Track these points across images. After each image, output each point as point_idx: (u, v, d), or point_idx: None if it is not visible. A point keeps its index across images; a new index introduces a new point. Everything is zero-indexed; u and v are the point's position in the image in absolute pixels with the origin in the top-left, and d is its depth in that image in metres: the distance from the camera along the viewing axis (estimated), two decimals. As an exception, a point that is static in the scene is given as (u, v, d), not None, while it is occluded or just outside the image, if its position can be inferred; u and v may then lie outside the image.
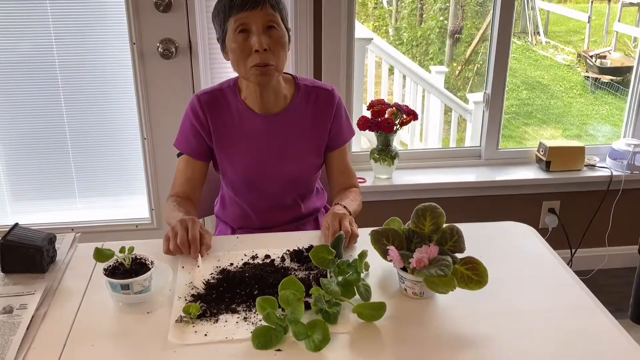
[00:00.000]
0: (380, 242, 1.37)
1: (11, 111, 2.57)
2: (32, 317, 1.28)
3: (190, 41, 2.49)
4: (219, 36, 1.65)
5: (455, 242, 1.35)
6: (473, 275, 1.29)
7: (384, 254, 1.36)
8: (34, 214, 2.72)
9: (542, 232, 2.97)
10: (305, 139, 1.76)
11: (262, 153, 1.74)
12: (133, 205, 2.78)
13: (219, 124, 1.72)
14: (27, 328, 1.24)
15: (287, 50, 1.64)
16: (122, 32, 2.47)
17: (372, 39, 4.02)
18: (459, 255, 1.33)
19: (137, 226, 2.77)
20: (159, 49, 2.47)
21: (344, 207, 1.66)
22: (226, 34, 1.61)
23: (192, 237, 1.46)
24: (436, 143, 4.25)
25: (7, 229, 1.45)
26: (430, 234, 1.37)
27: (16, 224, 1.48)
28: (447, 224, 1.37)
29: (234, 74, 1.72)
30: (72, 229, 2.66)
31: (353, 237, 1.52)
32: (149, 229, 2.77)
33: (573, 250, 3.06)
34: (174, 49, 2.47)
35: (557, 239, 2.99)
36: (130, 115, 2.61)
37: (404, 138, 4.58)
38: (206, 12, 2.49)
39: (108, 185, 2.74)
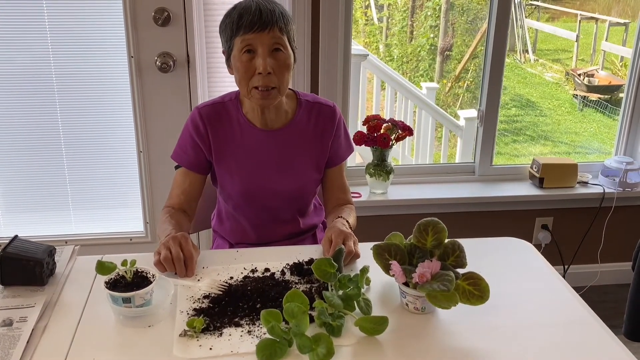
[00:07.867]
0: (383, 256, 1.38)
1: (6, 123, 2.56)
2: (33, 330, 1.27)
3: (188, 55, 2.49)
4: (225, 50, 1.64)
5: (457, 257, 1.35)
6: (475, 290, 1.30)
7: (386, 269, 1.37)
8: (28, 226, 2.70)
9: (535, 248, 2.98)
10: (306, 154, 1.76)
11: (262, 167, 1.74)
12: (127, 218, 2.76)
13: (219, 137, 1.72)
14: (28, 341, 1.24)
15: (292, 69, 1.64)
16: (120, 46, 2.47)
17: (368, 55, 4.06)
18: (460, 271, 1.34)
19: (131, 239, 2.76)
20: (157, 63, 2.47)
21: (347, 221, 1.66)
22: (232, 50, 1.61)
23: (175, 258, 1.45)
24: (427, 159, 4.27)
25: (7, 241, 1.44)
26: (432, 249, 1.38)
27: (16, 236, 1.47)
28: (449, 239, 1.38)
29: (231, 88, 1.72)
30: (66, 242, 2.64)
31: (355, 257, 1.53)
32: (144, 242, 2.75)
33: (566, 267, 3.08)
34: (171, 63, 2.47)
35: (550, 256, 2.99)
36: (127, 128, 2.61)
37: (396, 154, 4.60)
38: (204, 27, 2.50)
39: (103, 198, 2.73)
